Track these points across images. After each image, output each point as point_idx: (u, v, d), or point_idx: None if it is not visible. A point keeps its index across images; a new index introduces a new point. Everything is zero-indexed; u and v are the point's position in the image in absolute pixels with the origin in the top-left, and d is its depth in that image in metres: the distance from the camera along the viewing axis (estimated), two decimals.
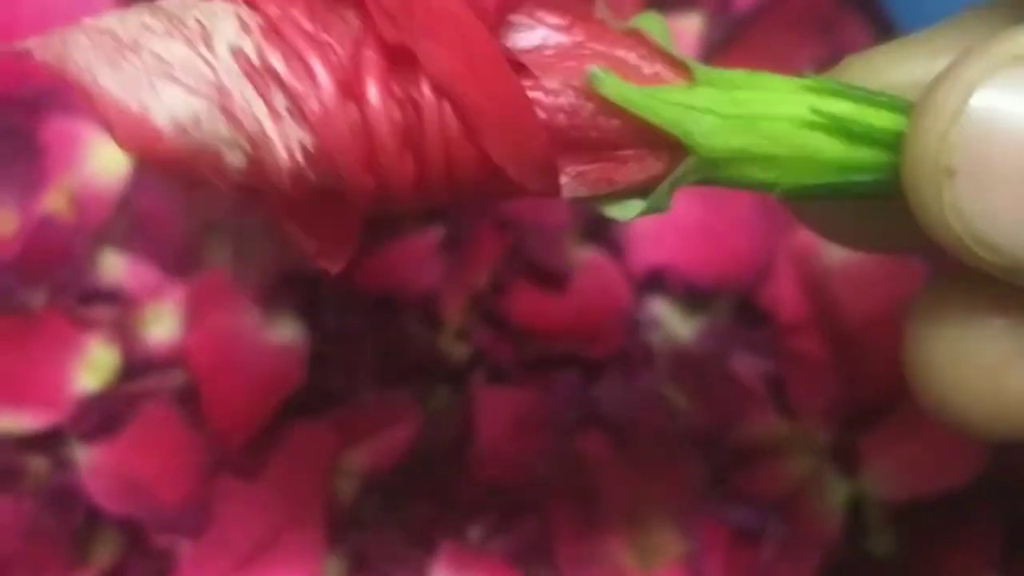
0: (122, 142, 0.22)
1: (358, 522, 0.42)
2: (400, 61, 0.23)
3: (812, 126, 0.25)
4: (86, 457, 0.42)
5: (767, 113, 0.25)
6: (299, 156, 0.23)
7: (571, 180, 0.25)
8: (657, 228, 0.46)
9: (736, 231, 0.46)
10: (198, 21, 0.23)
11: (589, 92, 0.24)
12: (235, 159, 0.23)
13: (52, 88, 0.47)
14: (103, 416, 0.43)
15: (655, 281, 0.46)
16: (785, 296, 0.46)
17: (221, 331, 0.44)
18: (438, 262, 0.46)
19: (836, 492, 0.43)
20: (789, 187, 0.26)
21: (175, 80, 0.22)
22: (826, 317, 0.45)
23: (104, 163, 0.46)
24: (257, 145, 0.23)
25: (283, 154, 0.23)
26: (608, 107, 0.24)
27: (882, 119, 0.26)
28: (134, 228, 0.47)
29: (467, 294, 0.45)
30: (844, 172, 0.26)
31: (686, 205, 0.46)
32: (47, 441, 0.43)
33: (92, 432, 0.43)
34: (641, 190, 0.26)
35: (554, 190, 0.25)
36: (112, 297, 0.44)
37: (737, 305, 0.47)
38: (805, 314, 0.46)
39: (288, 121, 0.23)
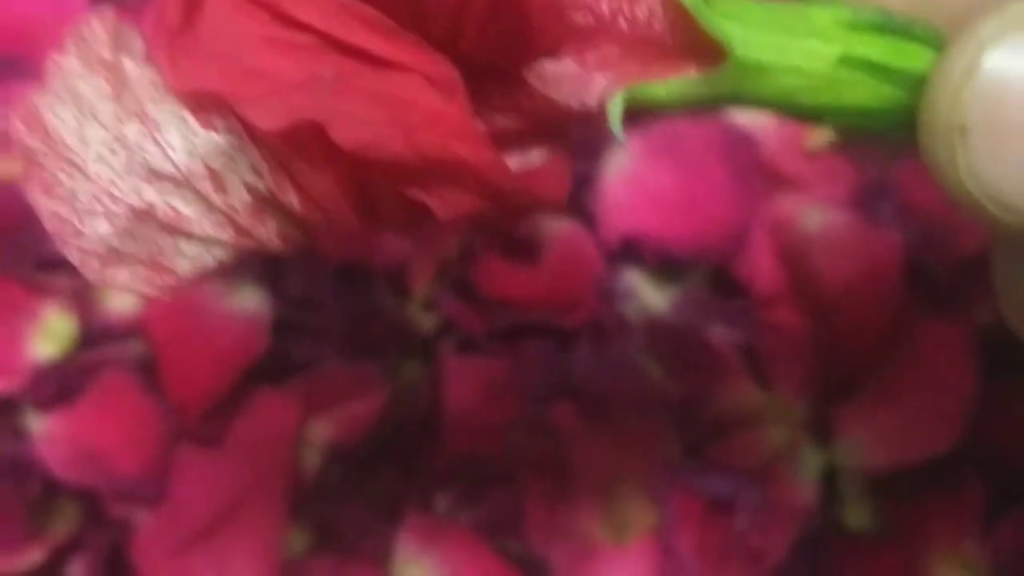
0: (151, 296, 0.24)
1: (323, 493, 0.41)
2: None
3: (844, 63, 0.25)
4: (42, 426, 0.41)
5: (803, 45, 0.25)
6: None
7: (611, 80, 0.24)
8: (631, 198, 0.45)
9: (712, 200, 0.45)
10: (206, 164, 0.23)
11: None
12: None
13: (12, 55, 0.46)
14: (60, 385, 0.42)
15: (629, 251, 0.45)
16: (761, 266, 0.45)
17: (181, 300, 0.42)
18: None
19: (811, 463, 0.42)
20: (812, 108, 0.26)
21: (193, 236, 0.24)
22: (803, 286, 0.44)
23: None
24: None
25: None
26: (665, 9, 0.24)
27: (915, 59, 0.26)
28: None
29: (436, 263, 0.44)
30: (869, 110, 0.26)
31: (661, 175, 0.45)
32: (1, 410, 0.42)
33: (48, 401, 0.42)
34: None
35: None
36: (71, 266, 0.43)
37: (712, 275, 0.46)
38: (782, 285, 0.45)
39: (299, 236, 0.24)
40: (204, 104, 0.22)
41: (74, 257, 0.23)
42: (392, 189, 0.23)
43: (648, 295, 0.45)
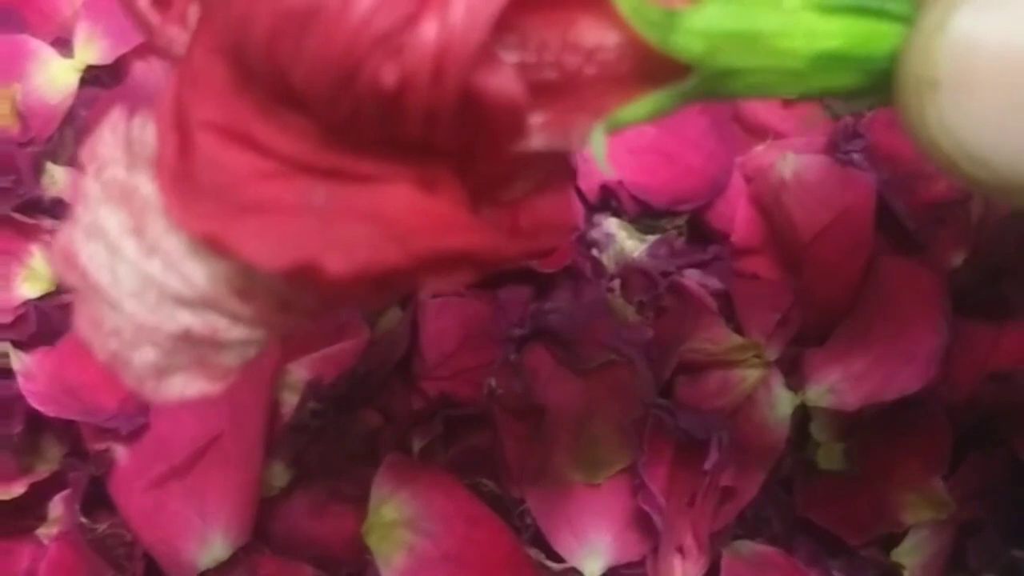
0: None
1: (301, 432, 0.42)
2: None
3: (815, 60, 0.25)
4: (24, 363, 0.41)
5: (772, 32, 0.25)
6: None
7: (590, 118, 0.25)
8: (609, 148, 0.45)
9: (689, 151, 0.46)
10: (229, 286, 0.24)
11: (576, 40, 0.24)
12: None
13: (5, 6, 0.47)
14: (42, 323, 0.42)
15: (607, 200, 0.45)
16: (738, 215, 0.46)
17: None
18: None
19: (783, 404, 0.43)
20: (792, 96, 0.26)
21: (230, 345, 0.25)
22: (778, 234, 0.45)
23: (52, 78, 0.45)
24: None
25: None
26: (629, 49, 0.24)
27: (885, 37, 0.25)
28: (80, 144, 0.46)
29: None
30: (844, 92, 0.26)
31: (639, 125, 0.45)
32: None
33: (30, 340, 0.42)
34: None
35: None
36: (55, 210, 0.44)
37: (689, 225, 0.46)
38: (757, 234, 0.46)
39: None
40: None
41: (131, 381, 0.24)
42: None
43: (625, 243, 0.45)
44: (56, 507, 0.42)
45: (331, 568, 0.42)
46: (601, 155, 0.24)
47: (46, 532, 0.42)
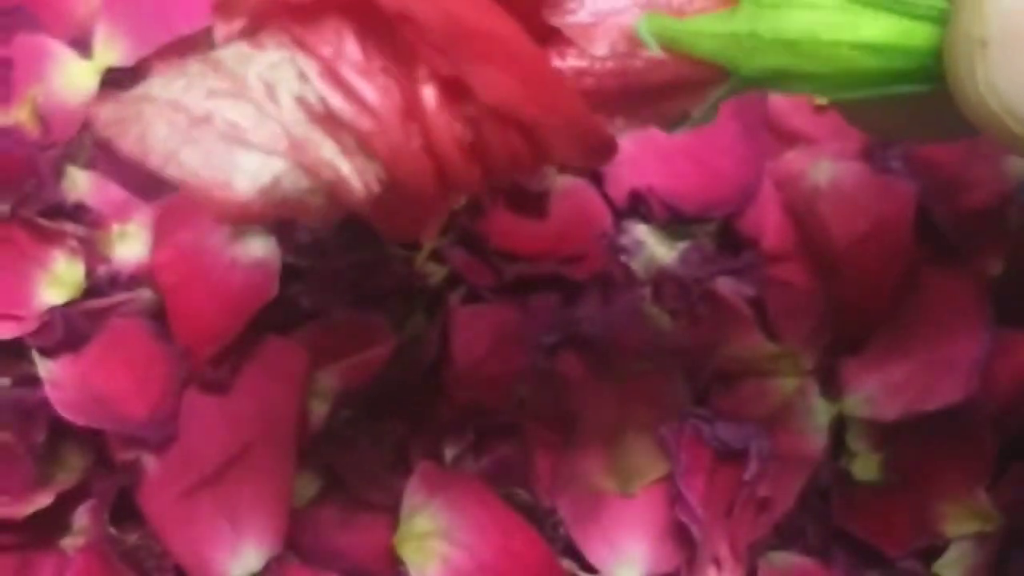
0: (215, 218, 0.26)
1: (332, 441, 0.41)
2: (454, 86, 0.24)
3: (854, 47, 0.25)
4: (50, 371, 0.41)
5: (809, 34, 0.25)
6: (375, 187, 0.24)
7: (625, 124, 0.27)
8: (639, 152, 0.45)
9: (720, 155, 0.45)
10: (260, 78, 0.24)
11: (634, 49, 0.25)
12: (317, 202, 0.25)
13: (19, 5, 0.46)
14: (68, 330, 0.42)
15: (636, 206, 0.45)
16: (769, 222, 0.45)
17: (189, 247, 0.43)
18: None
19: (821, 413, 0.43)
20: (832, 96, 0.27)
21: (251, 146, 0.24)
22: (811, 241, 0.44)
23: (71, 80, 0.45)
24: (335, 187, 0.24)
25: (360, 188, 0.24)
26: (656, 51, 0.25)
27: (921, 35, 0.26)
28: (100, 147, 0.45)
29: (444, 214, 0.43)
30: (885, 85, 0.26)
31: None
32: (10, 355, 0.42)
33: (56, 347, 0.42)
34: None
35: (610, 159, 0.27)
36: (78, 214, 0.43)
37: (720, 231, 0.46)
38: (789, 240, 0.45)
39: (360, 159, 0.24)
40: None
41: (135, 153, 0.24)
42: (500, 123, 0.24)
43: (655, 249, 0.45)
44: (81, 518, 0.42)
45: None
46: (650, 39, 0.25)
47: (71, 543, 0.42)
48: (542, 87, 0.24)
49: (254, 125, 0.24)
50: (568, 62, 0.25)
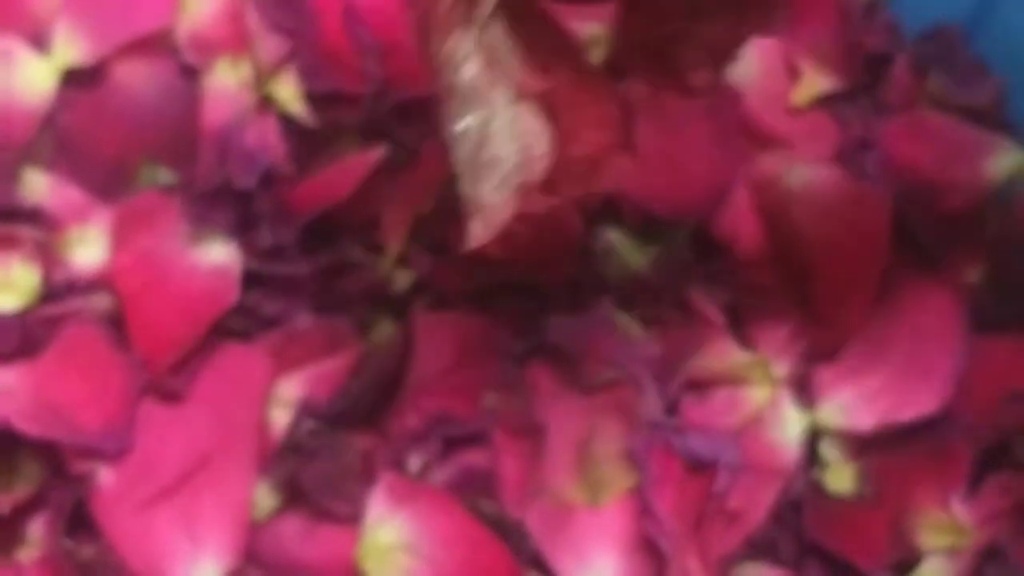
0: None
1: (293, 452, 0.41)
2: None
3: None
4: (3, 380, 0.40)
5: None
6: None
7: None
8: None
9: (694, 158, 0.45)
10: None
11: None
12: None
13: None
14: (22, 337, 0.41)
15: (609, 209, 0.45)
16: (743, 226, 0.45)
17: (148, 252, 0.42)
18: (380, 184, 0.44)
19: (794, 423, 0.42)
20: None
21: None
22: (786, 246, 0.44)
23: (29, 79, 0.44)
24: None
25: None
26: None
27: None
28: (59, 148, 0.45)
29: (410, 219, 0.43)
30: None
31: (642, 133, 0.44)
32: None
33: (10, 354, 0.41)
34: None
35: None
36: (34, 217, 0.42)
37: (693, 235, 0.45)
38: (764, 245, 0.45)
39: None
40: None
41: None
42: None
43: (628, 254, 0.44)
44: (36, 529, 0.41)
45: None
46: None
47: (26, 555, 0.41)
48: None
49: None
50: None
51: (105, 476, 0.40)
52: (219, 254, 0.42)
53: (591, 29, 0.43)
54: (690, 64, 0.30)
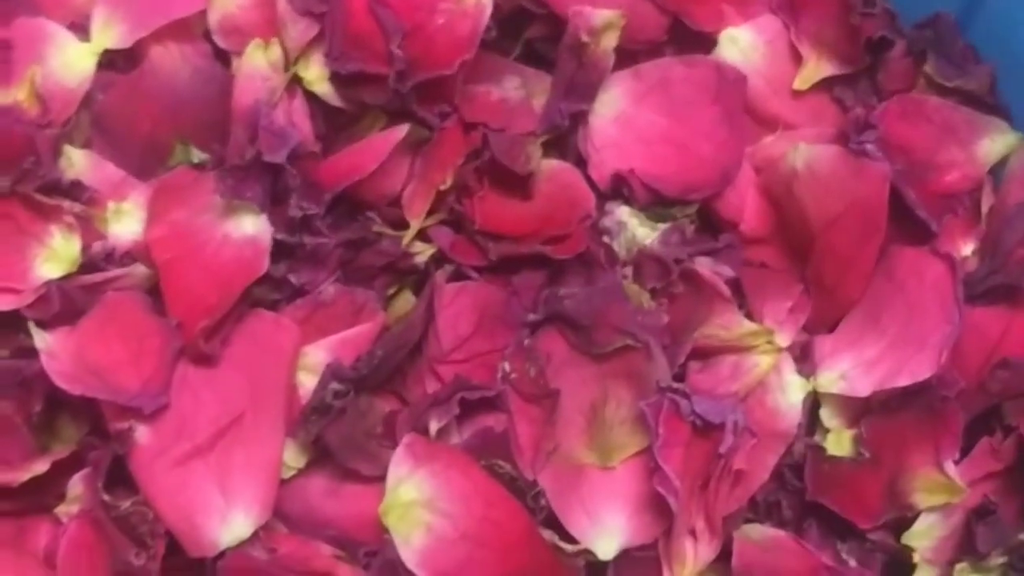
0: None
1: (319, 414, 0.42)
2: None
3: None
4: (47, 343, 0.42)
5: None
6: None
7: None
8: (622, 137, 0.46)
9: (700, 140, 0.47)
10: None
11: None
12: None
13: None
14: (64, 303, 0.43)
15: (619, 188, 0.46)
16: (747, 204, 0.46)
17: (183, 225, 0.44)
18: (403, 162, 0.45)
19: (795, 390, 0.44)
20: None
21: None
22: (788, 221, 0.45)
23: (69, 61, 0.46)
24: None
25: None
26: None
27: None
28: (97, 127, 0.46)
29: (431, 195, 0.45)
30: None
31: (651, 115, 0.46)
32: (7, 327, 0.43)
33: (53, 319, 0.43)
34: None
35: None
36: (75, 191, 0.44)
37: (700, 214, 0.47)
38: (767, 222, 0.46)
39: None
40: None
41: None
42: None
43: (637, 230, 0.46)
44: (75, 486, 0.42)
45: (349, 547, 0.42)
46: None
47: (65, 510, 0.42)
48: None
49: None
50: None
51: (143, 434, 0.42)
52: (250, 226, 0.43)
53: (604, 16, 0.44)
54: None
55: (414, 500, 0.41)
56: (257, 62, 0.45)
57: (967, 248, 0.45)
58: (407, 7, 0.44)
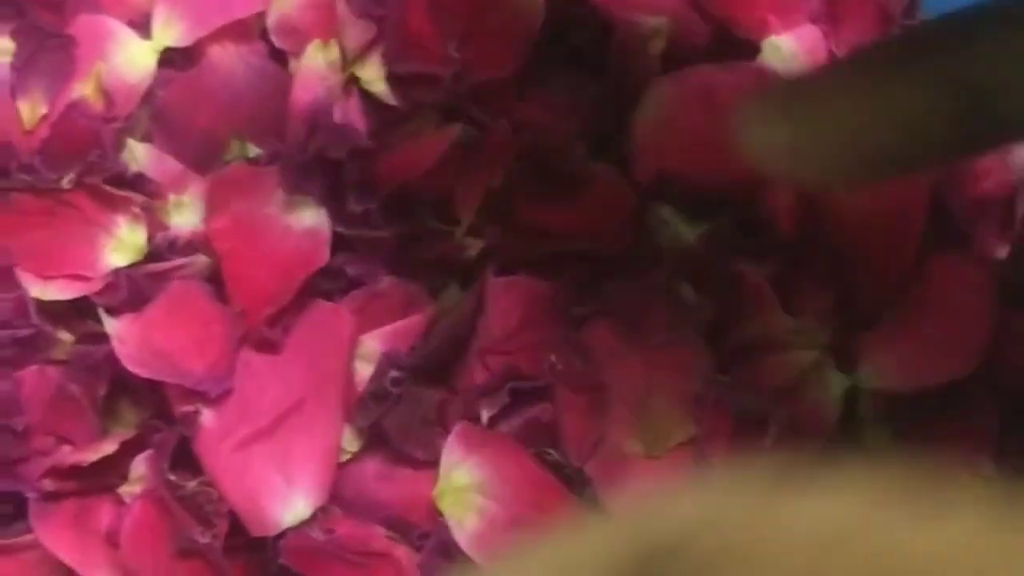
0: None
1: (375, 401, 0.43)
2: None
3: None
4: (115, 328, 0.43)
5: None
6: None
7: None
8: (664, 139, 0.47)
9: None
10: None
11: None
12: None
13: None
14: (132, 290, 0.44)
15: (661, 188, 0.48)
16: (786, 206, 0.48)
17: (244, 216, 0.45)
18: (454, 160, 0.47)
19: (835, 385, 0.45)
20: None
21: None
22: (825, 225, 0.47)
23: (131, 58, 0.48)
24: None
25: None
26: None
27: None
28: (156, 122, 0.48)
29: (481, 192, 0.46)
30: None
31: (693, 118, 0.48)
32: (77, 313, 0.44)
33: (120, 306, 0.44)
34: None
35: None
36: (138, 183, 0.46)
37: (740, 213, 0.48)
38: (805, 223, 0.48)
39: None
40: None
41: None
42: None
43: (679, 229, 0.47)
44: (139, 467, 0.44)
45: (403, 530, 0.43)
46: None
47: (128, 491, 0.44)
48: None
49: None
50: None
51: (208, 417, 0.43)
52: (311, 219, 0.45)
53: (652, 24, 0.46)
54: None
55: (467, 485, 0.43)
56: (317, 62, 0.46)
57: (1002, 252, 0.46)
58: (465, 9, 0.45)
